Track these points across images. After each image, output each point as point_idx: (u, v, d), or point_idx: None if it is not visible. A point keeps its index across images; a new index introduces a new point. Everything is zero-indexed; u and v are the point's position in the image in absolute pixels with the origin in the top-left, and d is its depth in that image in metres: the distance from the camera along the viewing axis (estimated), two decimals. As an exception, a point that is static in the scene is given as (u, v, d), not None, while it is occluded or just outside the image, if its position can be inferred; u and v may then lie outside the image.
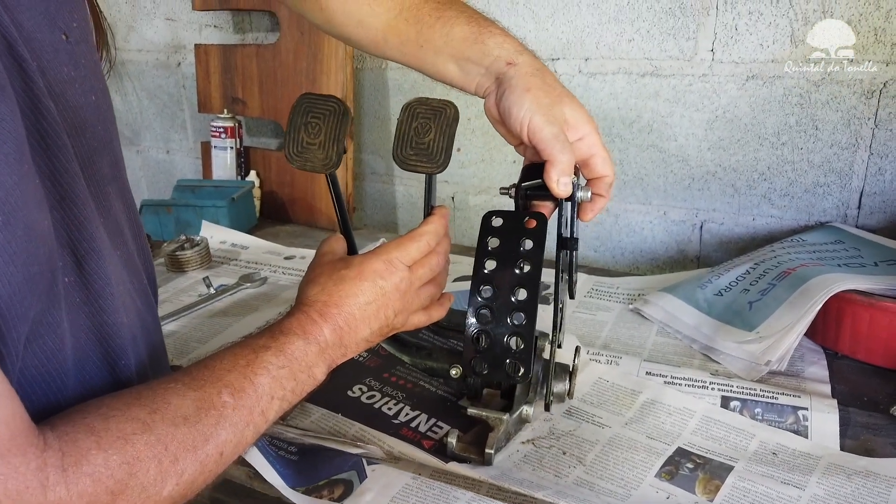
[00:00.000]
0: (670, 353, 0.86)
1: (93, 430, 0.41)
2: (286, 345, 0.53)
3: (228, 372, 0.49)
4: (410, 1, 0.67)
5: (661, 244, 1.19)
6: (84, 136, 0.49)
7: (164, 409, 0.44)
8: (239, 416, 0.48)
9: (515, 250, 0.64)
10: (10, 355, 0.38)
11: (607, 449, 0.67)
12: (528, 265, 0.64)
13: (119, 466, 0.40)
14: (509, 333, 0.63)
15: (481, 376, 0.64)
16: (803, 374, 0.80)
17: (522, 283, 0.63)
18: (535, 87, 0.62)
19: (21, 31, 0.43)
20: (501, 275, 0.64)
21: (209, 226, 1.29)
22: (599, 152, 0.65)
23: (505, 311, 0.63)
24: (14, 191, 0.37)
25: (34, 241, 0.39)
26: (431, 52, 0.67)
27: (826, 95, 1.00)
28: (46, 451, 0.38)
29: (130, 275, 0.54)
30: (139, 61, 1.68)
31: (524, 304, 0.63)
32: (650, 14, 1.08)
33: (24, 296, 0.38)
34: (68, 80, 0.47)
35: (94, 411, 0.42)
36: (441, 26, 0.66)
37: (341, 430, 0.70)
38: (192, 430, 0.45)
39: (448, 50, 0.66)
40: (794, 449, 0.66)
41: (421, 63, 0.68)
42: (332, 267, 0.60)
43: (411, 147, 0.63)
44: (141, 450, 0.42)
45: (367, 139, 1.42)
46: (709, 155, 1.10)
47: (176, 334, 0.92)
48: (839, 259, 0.90)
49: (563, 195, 0.62)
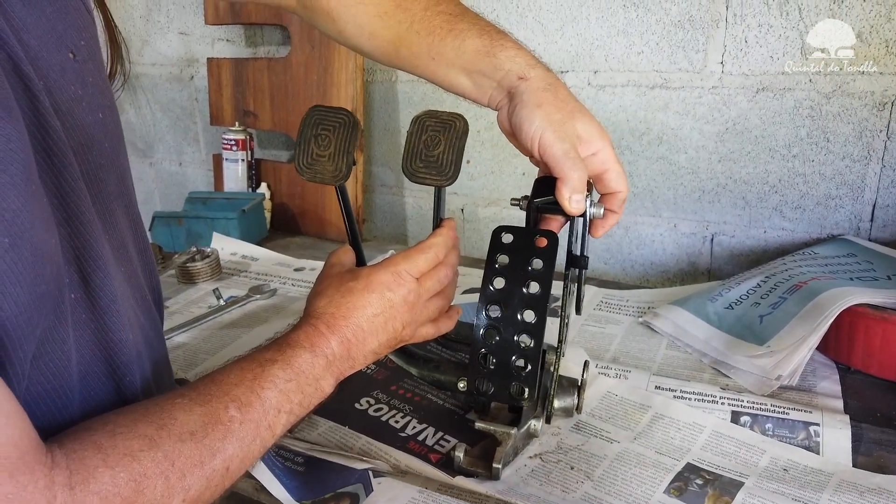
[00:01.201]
0: (680, 366, 0.85)
1: (100, 448, 0.41)
2: (293, 358, 0.53)
3: (235, 386, 0.49)
4: (422, 13, 0.66)
5: (672, 257, 1.19)
6: (91, 154, 0.49)
7: (171, 424, 0.44)
8: (246, 430, 0.48)
9: (525, 269, 0.63)
10: (17, 374, 0.38)
11: (616, 464, 0.66)
12: (537, 286, 0.63)
13: (126, 484, 0.40)
14: (516, 355, 0.63)
15: (486, 397, 0.64)
16: (815, 388, 0.79)
17: (531, 305, 0.63)
18: (547, 102, 0.62)
19: (28, 50, 0.43)
20: (510, 294, 0.63)
21: (220, 237, 1.30)
22: (613, 167, 0.64)
23: (512, 331, 0.63)
24: (21, 212, 0.37)
25: (41, 260, 0.39)
26: (443, 65, 0.66)
27: (837, 107, 1.00)
28: (54, 470, 0.38)
29: (134, 291, 0.54)
30: (153, 75, 1.70)
31: (532, 327, 0.63)
32: (659, 27, 1.08)
33: (31, 315, 0.39)
34: (75, 99, 0.48)
35: (100, 428, 0.43)
36: (452, 39, 0.65)
37: (348, 443, 0.70)
38: (198, 445, 0.45)
39: (460, 63, 0.65)
40: (806, 465, 0.66)
41: (433, 75, 0.68)
42: (340, 279, 0.60)
43: (421, 160, 0.63)
44: (148, 466, 0.42)
45: (377, 151, 1.43)
46: (719, 167, 1.10)
47: (186, 346, 0.93)
48: (852, 272, 0.89)
49: (575, 213, 0.62)
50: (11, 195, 0.37)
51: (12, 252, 0.37)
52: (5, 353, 0.38)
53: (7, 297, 0.37)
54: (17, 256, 0.37)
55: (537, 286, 0.63)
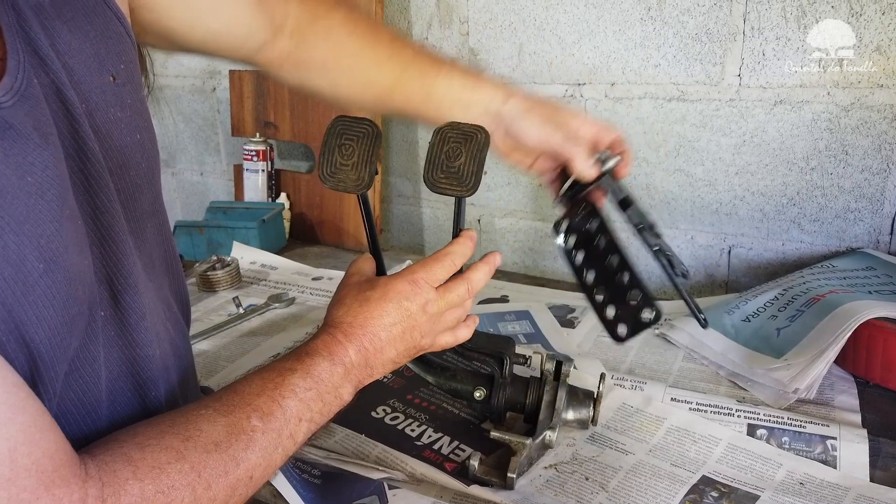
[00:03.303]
0: (696, 379, 0.85)
1: (130, 460, 0.42)
2: (312, 367, 0.54)
3: (257, 396, 0.50)
4: (413, 57, 0.75)
5: (689, 269, 1.18)
6: (127, 175, 0.50)
7: (197, 436, 0.45)
8: (268, 439, 0.49)
9: (594, 247, 0.73)
10: (49, 393, 0.40)
11: (630, 476, 0.66)
12: (604, 240, 0.73)
13: (155, 496, 0.41)
14: (627, 291, 0.71)
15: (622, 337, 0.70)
16: (833, 402, 0.79)
17: (618, 268, 0.72)
18: (533, 107, 0.73)
19: (71, 74, 0.45)
20: (601, 274, 0.73)
21: (240, 246, 1.32)
22: (598, 127, 0.73)
23: (619, 292, 0.71)
24: (55, 238, 0.39)
25: (74, 283, 0.41)
26: (435, 103, 0.74)
27: (856, 120, 0.99)
28: (87, 482, 0.39)
29: (164, 304, 0.56)
30: (176, 87, 1.74)
31: (623, 267, 0.72)
32: (676, 40, 1.09)
33: (64, 337, 0.40)
34: (114, 121, 0.49)
35: (130, 440, 0.44)
36: (442, 79, 0.73)
37: (364, 451, 0.71)
38: (223, 455, 0.46)
39: (450, 98, 0.73)
40: (822, 479, 0.65)
41: (424, 114, 0.75)
42: (358, 288, 0.61)
43: (442, 170, 0.64)
44: (175, 479, 0.43)
45: (395, 162, 1.44)
46: (736, 179, 1.10)
47: (206, 353, 0.94)
48: (870, 286, 0.88)
49: (594, 174, 0.72)
50: (46, 220, 0.38)
51: (46, 277, 0.38)
52: (38, 374, 0.39)
53: (41, 322, 0.38)
54: (50, 280, 0.39)
55: (604, 240, 0.73)
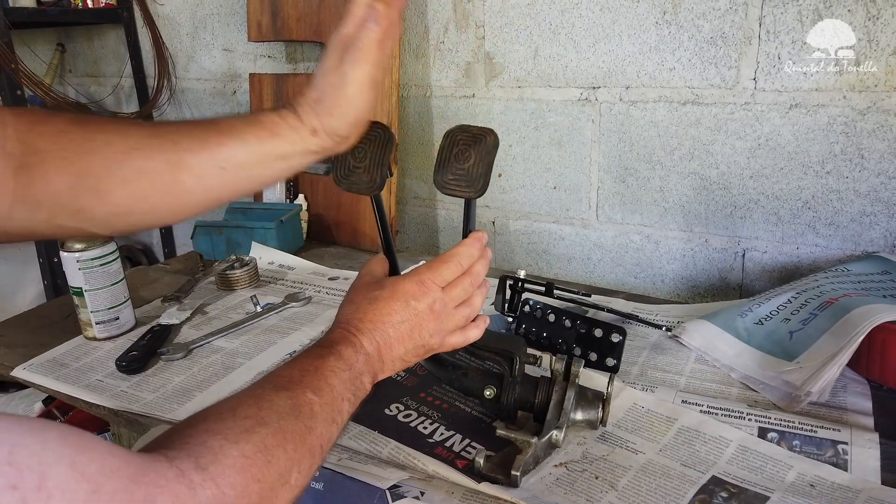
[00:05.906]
0: (708, 381, 0.86)
1: (214, 432, 0.41)
2: (341, 352, 0.56)
3: (303, 376, 0.51)
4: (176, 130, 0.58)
5: (703, 272, 1.18)
6: None
7: (269, 406, 0.46)
8: (326, 412, 0.50)
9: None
10: None
11: (640, 475, 0.67)
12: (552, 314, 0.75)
13: (255, 454, 0.41)
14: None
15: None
16: (845, 405, 0.78)
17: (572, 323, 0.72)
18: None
19: None
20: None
21: (258, 247, 1.34)
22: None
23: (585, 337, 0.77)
24: None
25: None
26: (245, 167, 0.59)
27: (872, 124, 0.99)
28: (175, 460, 0.38)
29: None
30: (197, 89, 1.76)
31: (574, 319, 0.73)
32: (691, 43, 1.09)
33: None
34: None
35: (201, 421, 0.43)
36: (234, 141, 0.58)
37: (377, 448, 0.72)
38: (296, 422, 0.46)
39: (259, 155, 0.59)
40: (833, 481, 0.65)
41: (234, 185, 0.60)
42: (368, 288, 0.62)
43: (451, 172, 0.65)
44: (266, 439, 0.43)
45: (411, 164, 1.46)
46: (751, 183, 1.10)
47: (224, 350, 0.96)
48: (885, 290, 0.88)
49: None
50: None
51: None
52: None
53: None
54: None
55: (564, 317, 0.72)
